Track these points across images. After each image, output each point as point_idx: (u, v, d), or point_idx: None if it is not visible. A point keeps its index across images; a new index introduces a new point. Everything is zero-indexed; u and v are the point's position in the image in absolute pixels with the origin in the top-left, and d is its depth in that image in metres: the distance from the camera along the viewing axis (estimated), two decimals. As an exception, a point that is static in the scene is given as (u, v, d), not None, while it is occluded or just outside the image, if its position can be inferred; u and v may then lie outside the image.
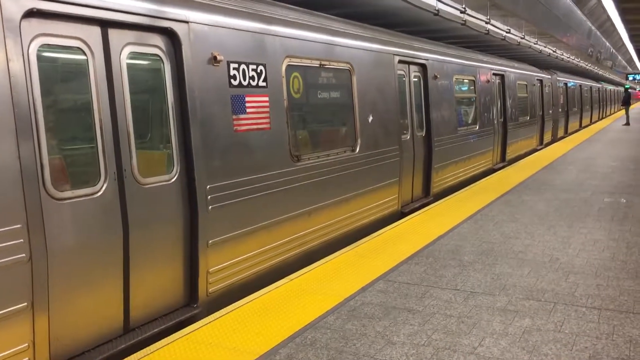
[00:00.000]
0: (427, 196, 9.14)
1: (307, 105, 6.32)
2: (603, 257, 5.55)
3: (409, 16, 9.14)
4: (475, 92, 11.51)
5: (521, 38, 13.66)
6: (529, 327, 3.94)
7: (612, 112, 44.65)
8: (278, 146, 5.46)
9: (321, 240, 6.19)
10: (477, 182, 10.42)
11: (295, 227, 5.73)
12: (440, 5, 8.56)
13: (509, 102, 13.69)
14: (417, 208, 8.56)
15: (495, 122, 12.86)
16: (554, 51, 17.90)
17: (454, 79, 10.23)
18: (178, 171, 4.40)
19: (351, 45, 6.90)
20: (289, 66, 5.71)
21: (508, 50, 15.34)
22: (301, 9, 6.35)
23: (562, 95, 21.50)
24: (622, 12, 15.93)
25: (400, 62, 8.20)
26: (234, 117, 4.91)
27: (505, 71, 13.55)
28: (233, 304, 4.53)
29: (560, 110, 21.11)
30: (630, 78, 50.34)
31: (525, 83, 15.44)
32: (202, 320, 4.24)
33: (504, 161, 13.68)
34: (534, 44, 14.87)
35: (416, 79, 8.88)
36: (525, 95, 15.48)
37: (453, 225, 7.00)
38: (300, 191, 5.79)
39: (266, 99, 5.29)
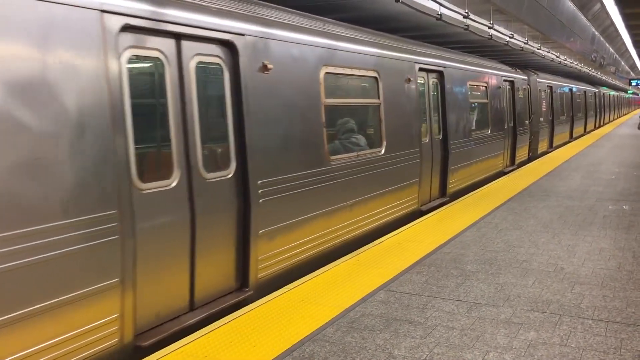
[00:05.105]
0: (244, 288, 4.95)
1: None
2: (609, 266, 5.43)
3: (411, 21, 9.08)
4: (378, 97, 7.33)
5: (524, 43, 13.57)
6: (534, 341, 3.82)
7: (611, 119, 42.71)
8: None
9: None
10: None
11: None
12: (443, 10, 8.48)
13: (453, 112, 9.77)
14: (167, 341, 4.07)
15: (428, 140, 8.88)
16: (557, 56, 17.82)
17: (321, 75, 6.03)
18: None
19: None
20: None
21: (511, 55, 15.27)
22: None
23: (544, 101, 17.68)
24: (626, 18, 15.85)
25: (127, 28, 3.84)
26: None
27: (445, 66, 9.56)
28: (227, 316, 4.40)
29: (542, 119, 17.22)
30: (633, 84, 50.27)
31: (485, 85, 11.75)
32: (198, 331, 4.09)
33: (445, 196, 9.51)
34: (537, 49, 14.78)
35: (212, 72, 4.82)
36: (485, 101, 11.83)
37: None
38: None
39: None
